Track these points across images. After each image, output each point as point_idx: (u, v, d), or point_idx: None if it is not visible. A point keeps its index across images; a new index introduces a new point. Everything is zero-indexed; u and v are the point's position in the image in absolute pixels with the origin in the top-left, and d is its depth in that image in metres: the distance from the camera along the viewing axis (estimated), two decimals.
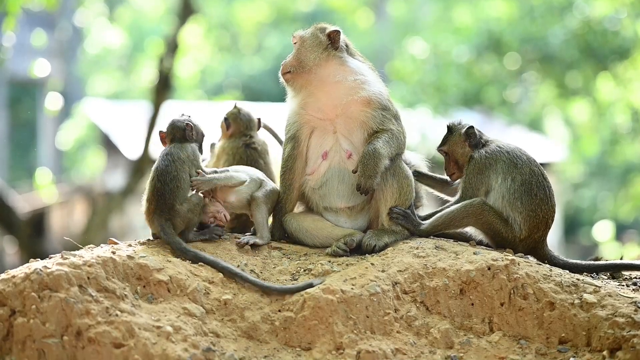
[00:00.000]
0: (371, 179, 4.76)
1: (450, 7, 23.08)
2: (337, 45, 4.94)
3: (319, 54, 4.91)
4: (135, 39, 27.72)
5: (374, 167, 4.76)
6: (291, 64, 4.94)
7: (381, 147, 4.78)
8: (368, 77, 4.95)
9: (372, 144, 4.78)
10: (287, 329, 4.27)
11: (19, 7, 10.93)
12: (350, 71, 4.93)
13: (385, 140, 4.82)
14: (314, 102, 4.93)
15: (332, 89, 4.90)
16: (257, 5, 28.50)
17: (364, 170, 4.76)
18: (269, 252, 4.79)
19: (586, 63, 18.75)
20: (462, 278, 4.48)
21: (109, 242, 4.73)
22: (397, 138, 4.88)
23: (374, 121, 4.87)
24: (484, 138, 5.03)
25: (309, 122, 4.97)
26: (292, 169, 4.99)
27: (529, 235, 4.84)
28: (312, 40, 4.95)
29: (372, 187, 4.79)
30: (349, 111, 4.89)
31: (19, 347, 3.97)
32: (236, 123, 5.55)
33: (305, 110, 4.96)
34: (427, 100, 19.08)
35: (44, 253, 12.63)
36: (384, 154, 4.79)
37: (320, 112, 4.93)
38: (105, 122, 21.51)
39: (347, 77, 4.91)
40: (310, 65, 4.90)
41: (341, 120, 4.91)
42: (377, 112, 4.88)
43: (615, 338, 4.22)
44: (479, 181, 4.89)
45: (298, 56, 4.94)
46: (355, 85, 4.89)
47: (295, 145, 4.98)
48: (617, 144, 20.93)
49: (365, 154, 4.77)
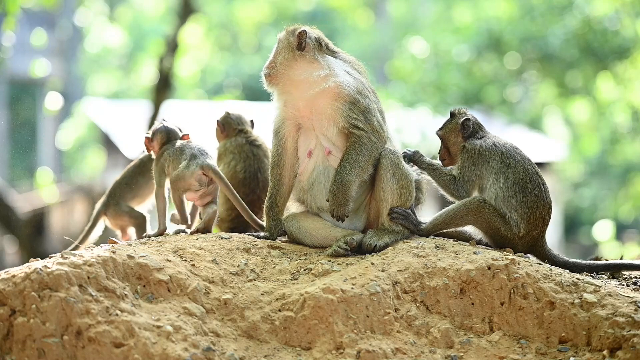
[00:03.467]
0: (342, 207, 4.88)
1: (450, 7, 23.07)
2: (302, 45, 5.08)
3: (287, 54, 5.09)
4: (136, 38, 27.72)
5: (343, 195, 4.87)
6: (267, 66, 5.16)
7: (348, 174, 4.88)
8: (335, 70, 5.06)
9: (338, 172, 4.89)
10: (287, 328, 4.27)
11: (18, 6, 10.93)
12: (317, 67, 5.06)
13: (352, 161, 4.89)
14: (291, 99, 5.08)
15: (300, 86, 5.04)
16: (258, 4, 28.50)
17: (334, 199, 4.88)
18: (269, 252, 4.79)
19: (586, 62, 18.74)
20: (462, 277, 4.49)
21: (109, 241, 4.74)
22: (365, 145, 4.93)
23: (341, 115, 4.95)
24: (481, 133, 5.06)
25: (290, 118, 5.09)
26: (280, 164, 5.10)
27: (528, 233, 4.86)
28: (283, 42, 5.14)
29: (345, 214, 4.89)
30: (319, 106, 5.00)
31: (19, 346, 3.97)
32: (228, 123, 5.77)
33: (286, 107, 5.10)
34: (427, 99, 19.07)
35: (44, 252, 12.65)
36: (351, 180, 4.89)
37: (297, 110, 5.06)
38: (105, 122, 21.49)
39: (312, 74, 5.03)
40: (279, 66, 5.09)
41: (315, 116, 5.02)
42: (344, 105, 4.96)
43: (616, 337, 4.22)
44: (474, 173, 4.93)
45: (273, 58, 5.16)
46: (319, 80, 5.02)
47: (279, 140, 5.11)
48: (617, 144, 20.92)
49: (333, 184, 4.89)
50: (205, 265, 4.50)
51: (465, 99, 19.43)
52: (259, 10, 28.52)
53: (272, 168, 5.12)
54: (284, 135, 5.09)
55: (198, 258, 4.55)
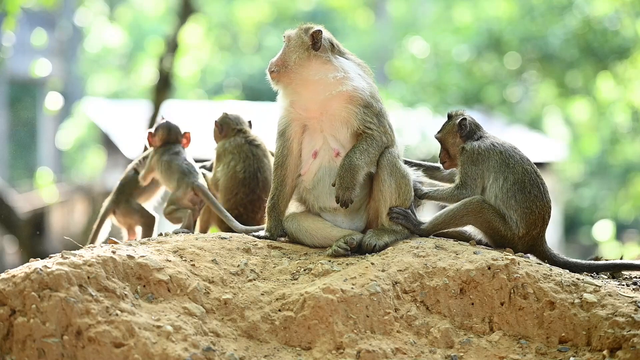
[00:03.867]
0: (348, 190, 4.84)
1: (450, 7, 23.08)
2: (318, 45, 5.01)
3: (301, 53, 5.00)
4: (136, 38, 27.73)
5: (351, 179, 4.84)
6: (276, 63, 5.05)
7: (357, 159, 4.86)
8: (350, 73, 5.01)
9: (348, 156, 4.87)
10: (287, 328, 4.27)
11: (18, 6, 10.94)
12: (331, 69, 5.00)
13: (362, 150, 4.88)
14: (299, 100, 5.01)
15: (313, 87, 4.97)
16: (258, 4, 28.50)
17: (341, 182, 4.84)
18: (269, 252, 4.79)
19: (586, 62, 18.74)
20: (462, 277, 4.49)
21: (109, 241, 4.74)
22: (377, 141, 4.93)
23: (356, 118, 4.93)
24: (479, 133, 5.06)
25: (297, 119, 5.03)
26: (284, 165, 5.04)
27: (527, 232, 4.86)
28: (295, 41, 5.04)
29: (351, 199, 4.86)
30: (332, 108, 4.95)
31: (19, 346, 3.97)
32: (226, 123, 5.74)
33: (293, 108, 5.03)
34: (427, 99, 19.07)
35: (44, 252, 12.65)
36: (360, 165, 4.86)
37: (305, 111, 5.00)
38: (105, 122, 21.49)
39: (327, 75, 4.97)
40: (292, 65, 5.00)
41: (326, 118, 4.97)
42: (358, 108, 4.94)
43: (616, 337, 4.22)
44: (476, 173, 4.93)
45: (283, 56, 5.05)
46: (335, 82, 4.96)
47: (285, 141, 5.05)
48: (617, 144, 20.93)
49: (342, 167, 4.86)
50: (205, 265, 4.50)
51: (465, 99, 19.43)
52: (259, 10, 28.53)
53: (276, 169, 5.06)
54: (290, 137, 5.04)
55: (198, 258, 4.55)
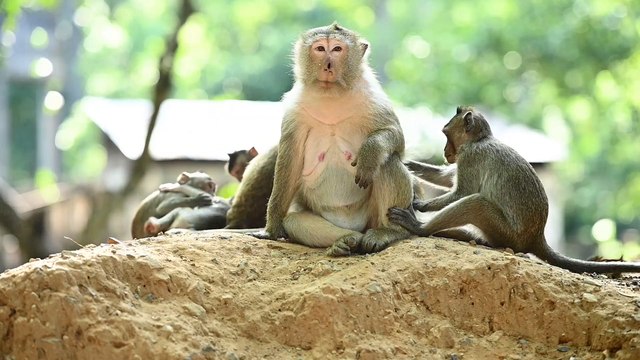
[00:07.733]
0: (370, 170, 4.78)
1: (450, 6, 23.08)
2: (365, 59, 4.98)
3: (359, 63, 4.94)
4: (136, 38, 27.74)
5: (373, 158, 4.78)
6: (341, 73, 4.86)
7: (381, 141, 4.82)
8: (375, 89, 4.99)
9: (371, 137, 4.83)
10: (287, 328, 4.27)
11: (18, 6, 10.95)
12: (364, 84, 4.97)
13: (385, 136, 4.87)
14: (319, 107, 4.93)
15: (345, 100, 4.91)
16: (258, 4, 28.51)
17: (362, 162, 4.78)
18: (269, 252, 4.79)
19: (586, 62, 18.74)
20: (462, 277, 4.49)
21: (109, 241, 4.73)
22: (396, 137, 4.93)
23: (376, 124, 4.92)
24: (484, 132, 5.09)
25: (306, 122, 4.97)
26: (288, 167, 5.00)
27: (526, 230, 4.87)
28: (357, 51, 4.93)
29: (371, 179, 4.81)
30: (351, 117, 4.93)
31: (19, 346, 3.97)
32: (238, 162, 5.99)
33: (306, 112, 4.95)
34: (427, 99, 19.08)
35: (44, 252, 12.65)
36: (383, 147, 4.82)
37: (322, 117, 4.94)
38: (105, 122, 21.51)
39: (360, 89, 4.93)
40: (354, 78, 4.90)
41: (342, 124, 4.93)
42: (379, 117, 4.94)
43: (616, 337, 4.22)
44: (471, 174, 4.95)
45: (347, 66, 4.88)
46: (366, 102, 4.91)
47: (292, 143, 4.99)
48: (617, 143, 20.94)
49: (365, 146, 4.80)
50: (205, 265, 4.50)
51: (465, 99, 19.43)
52: (259, 10, 28.54)
53: (280, 170, 5.01)
54: (298, 139, 4.98)
55: (198, 258, 4.55)
